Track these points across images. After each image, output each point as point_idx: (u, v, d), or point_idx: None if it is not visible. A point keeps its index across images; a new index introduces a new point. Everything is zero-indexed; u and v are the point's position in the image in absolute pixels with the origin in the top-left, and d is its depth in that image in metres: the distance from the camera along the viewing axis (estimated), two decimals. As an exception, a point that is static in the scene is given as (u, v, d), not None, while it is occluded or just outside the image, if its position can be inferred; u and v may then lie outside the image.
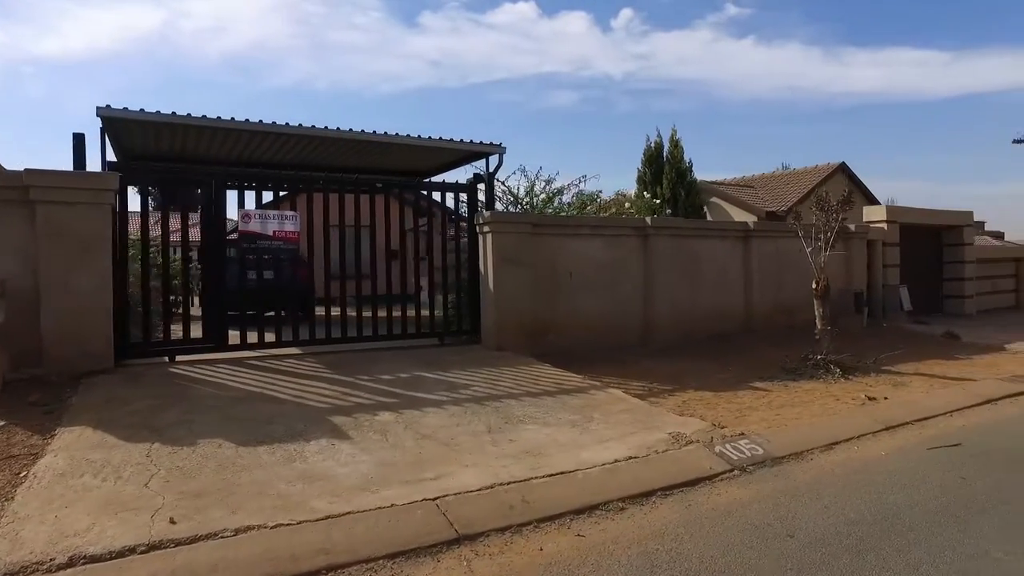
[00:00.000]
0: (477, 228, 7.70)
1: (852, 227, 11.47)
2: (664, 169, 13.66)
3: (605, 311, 8.45)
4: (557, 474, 3.92)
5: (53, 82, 61.20)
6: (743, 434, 4.89)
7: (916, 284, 13.16)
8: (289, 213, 6.72)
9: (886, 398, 6.30)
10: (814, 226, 8.23)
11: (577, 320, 8.20)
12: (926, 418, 5.69)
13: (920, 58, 75.39)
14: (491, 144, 10.51)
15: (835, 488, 3.98)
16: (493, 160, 8.86)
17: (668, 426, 4.96)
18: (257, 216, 6.52)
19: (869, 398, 6.22)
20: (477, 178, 7.93)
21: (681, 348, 8.71)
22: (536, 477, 3.86)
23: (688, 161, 14.25)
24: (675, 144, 14.39)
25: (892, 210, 12.59)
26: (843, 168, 19.18)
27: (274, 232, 6.56)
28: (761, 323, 9.87)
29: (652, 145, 14.39)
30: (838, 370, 7.40)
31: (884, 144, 77.85)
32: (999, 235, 37.78)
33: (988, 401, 6.42)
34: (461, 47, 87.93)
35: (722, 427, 5.03)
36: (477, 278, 7.81)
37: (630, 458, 4.24)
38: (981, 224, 41.89)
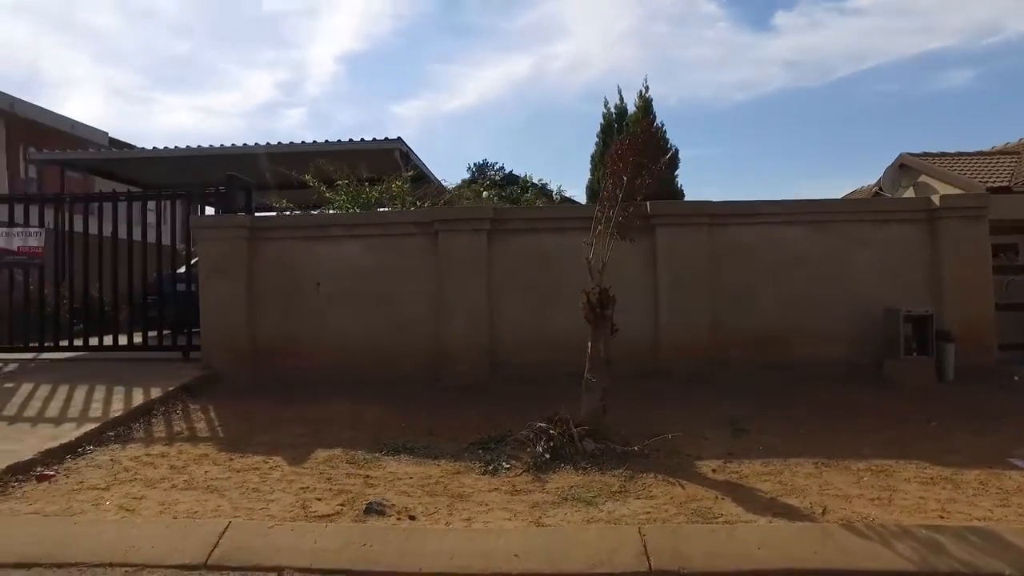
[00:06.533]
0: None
1: (936, 200, 6.32)
2: (612, 140, 9.39)
3: (374, 333, 6.58)
4: None
5: (453, 132, 79.94)
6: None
7: None
8: (33, 229, 7.17)
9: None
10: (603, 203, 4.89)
11: (329, 343, 6.60)
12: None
13: None
14: (386, 140, 9.37)
15: None
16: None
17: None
18: (3, 233, 7.15)
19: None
20: (231, 180, 7.02)
21: (481, 390, 6.14)
22: None
23: (657, 125, 9.57)
24: (644, 107, 9.83)
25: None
26: None
27: (19, 248, 7.09)
28: (689, 360, 6.22)
29: (612, 110, 10.11)
30: (547, 456, 4.25)
31: None
32: None
33: None
34: (821, 41, 77.59)
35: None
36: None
37: None
38: None
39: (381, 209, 8.57)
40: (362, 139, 9.45)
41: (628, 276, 6.43)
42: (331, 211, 7.89)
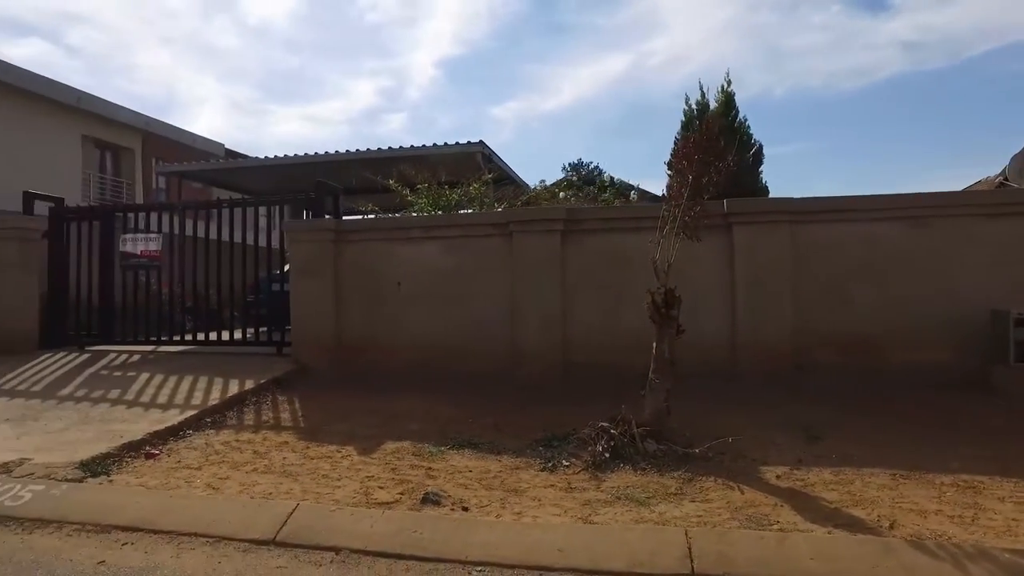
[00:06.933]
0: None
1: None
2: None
3: (451, 332, 6.83)
4: None
5: (550, 131, 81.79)
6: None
7: None
8: (153, 234, 8.01)
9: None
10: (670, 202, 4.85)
11: (407, 340, 6.92)
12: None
13: None
14: (468, 143, 9.62)
15: None
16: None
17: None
18: (129, 239, 8.05)
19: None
20: (320, 186, 7.49)
21: (552, 389, 6.24)
22: None
23: (740, 120, 8.89)
24: (726, 102, 9.15)
25: None
26: None
27: (141, 251, 7.96)
28: (768, 363, 6.01)
29: (693, 106, 9.48)
30: (607, 456, 4.29)
31: None
32: None
33: None
34: (947, 18, 70.89)
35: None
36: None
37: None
38: None
39: (462, 211, 8.87)
40: (445, 143, 9.83)
41: (704, 276, 6.32)
42: (413, 214, 8.27)
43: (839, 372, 5.88)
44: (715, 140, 4.56)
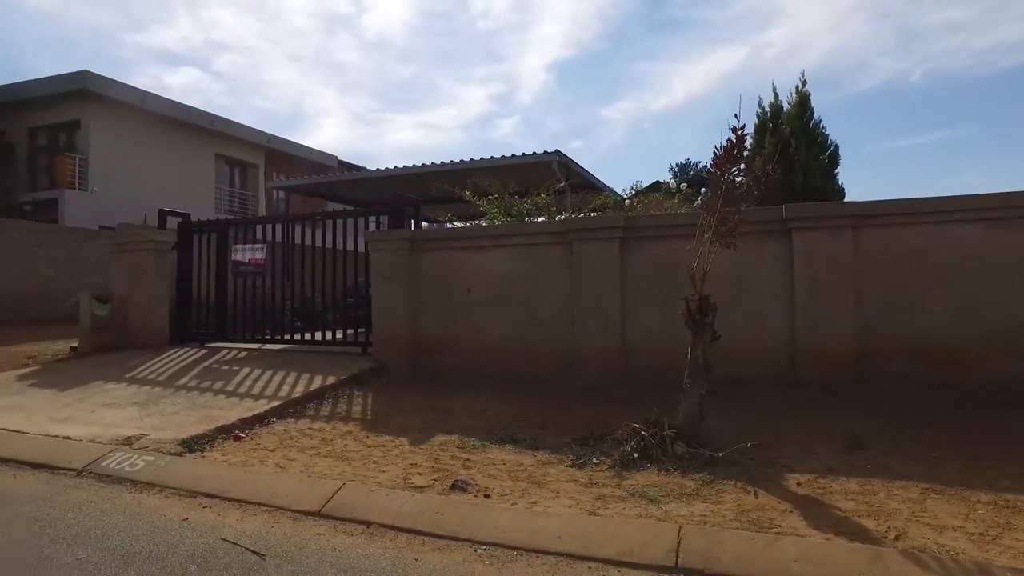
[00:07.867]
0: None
1: None
2: (763, 142, 8.18)
3: (517, 334, 7.26)
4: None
5: (661, 131, 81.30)
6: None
7: None
8: (259, 244, 9.07)
9: None
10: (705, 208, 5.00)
11: (478, 342, 7.45)
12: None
13: None
14: (544, 153, 9.98)
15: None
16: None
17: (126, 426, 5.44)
18: (239, 249, 9.17)
19: (455, 484, 4.06)
20: (400, 199, 8.17)
21: (608, 391, 6.51)
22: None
23: (816, 121, 8.17)
24: (800, 103, 8.46)
25: None
26: None
27: (248, 260, 9.05)
28: (827, 371, 5.93)
29: (767, 109, 8.84)
30: (635, 455, 4.54)
31: None
32: None
33: None
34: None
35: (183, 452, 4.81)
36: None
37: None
38: None
39: (539, 219, 9.29)
40: (522, 153, 10.29)
41: (763, 283, 6.34)
42: (487, 222, 8.81)
43: (906, 382, 5.68)
44: (743, 152, 4.65)
